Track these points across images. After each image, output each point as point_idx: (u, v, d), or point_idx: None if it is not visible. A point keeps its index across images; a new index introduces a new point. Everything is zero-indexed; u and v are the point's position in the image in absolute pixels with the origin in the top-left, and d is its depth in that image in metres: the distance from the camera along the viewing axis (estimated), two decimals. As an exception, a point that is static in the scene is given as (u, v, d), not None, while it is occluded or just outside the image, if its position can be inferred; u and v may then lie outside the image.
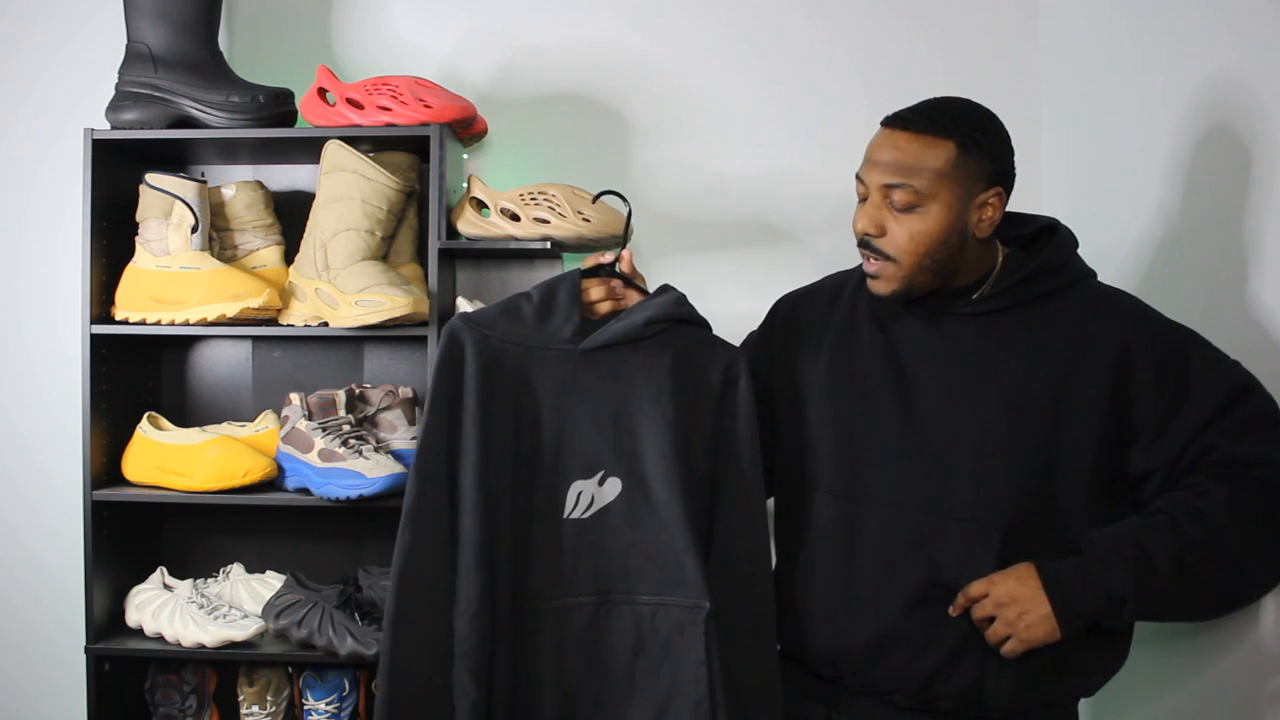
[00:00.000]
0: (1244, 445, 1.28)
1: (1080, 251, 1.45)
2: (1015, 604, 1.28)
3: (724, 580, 1.42)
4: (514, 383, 1.44)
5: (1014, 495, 1.33)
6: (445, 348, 1.44)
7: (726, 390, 1.46)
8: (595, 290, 1.51)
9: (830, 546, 1.41)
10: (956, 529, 1.33)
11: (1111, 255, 1.74)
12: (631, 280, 1.53)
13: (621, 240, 1.52)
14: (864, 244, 1.38)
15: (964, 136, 1.32)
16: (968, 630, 1.33)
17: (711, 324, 1.53)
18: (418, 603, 1.40)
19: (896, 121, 1.36)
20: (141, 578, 2.05)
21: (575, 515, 1.43)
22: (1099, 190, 1.88)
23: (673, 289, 1.50)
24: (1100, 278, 1.45)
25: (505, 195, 1.97)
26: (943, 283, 1.39)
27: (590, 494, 1.44)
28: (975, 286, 1.40)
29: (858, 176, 1.39)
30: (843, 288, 1.54)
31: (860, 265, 1.48)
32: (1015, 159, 1.39)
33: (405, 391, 2.05)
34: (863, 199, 1.38)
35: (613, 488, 1.43)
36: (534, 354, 1.45)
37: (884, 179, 1.34)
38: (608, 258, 1.52)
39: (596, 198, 1.62)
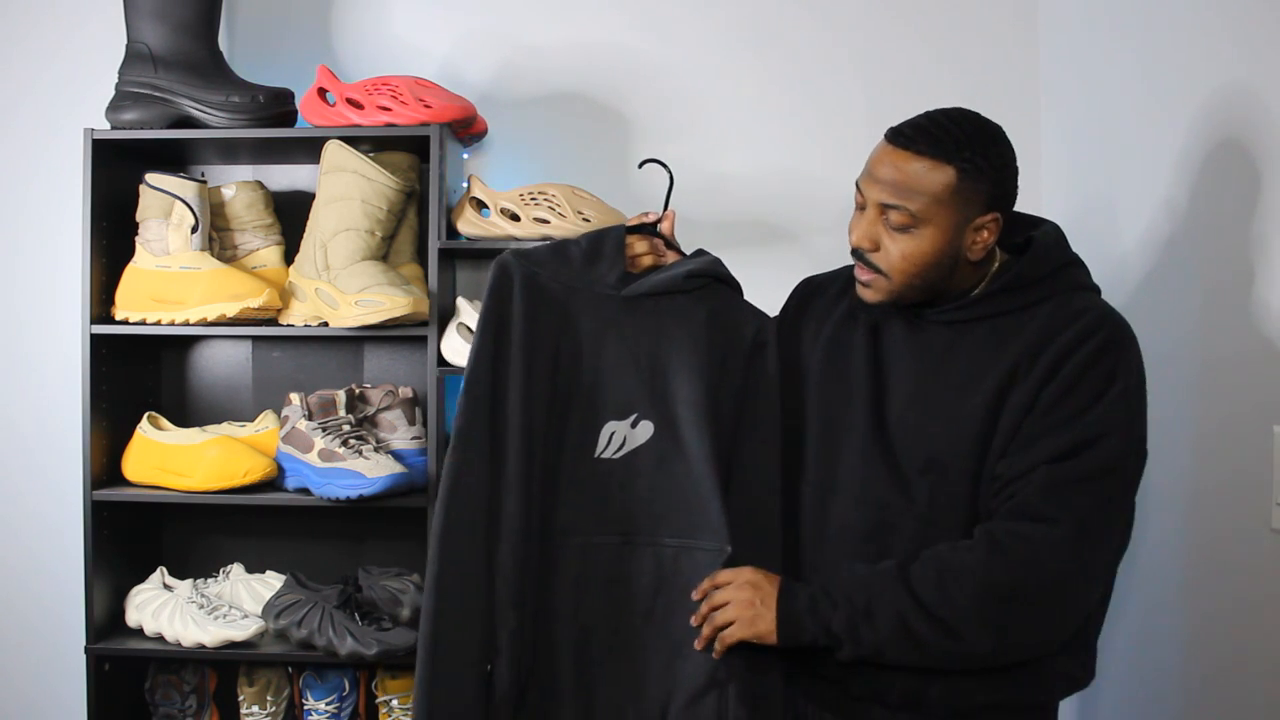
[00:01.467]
0: (1047, 499, 1.26)
1: (1077, 252, 1.44)
2: (750, 600, 1.35)
3: (738, 530, 1.43)
4: (557, 320, 1.47)
5: (958, 499, 1.34)
6: (495, 279, 1.47)
7: (755, 351, 1.50)
8: (639, 244, 1.55)
9: (805, 534, 1.43)
10: (909, 527, 1.35)
11: (1110, 261, 1.74)
12: (671, 241, 1.57)
13: (664, 205, 1.57)
14: (856, 254, 1.39)
15: (966, 162, 1.30)
16: None
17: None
18: (461, 523, 1.42)
19: (899, 139, 1.33)
20: (141, 578, 2.05)
21: (606, 455, 1.46)
22: (1097, 194, 1.88)
23: (709, 253, 1.55)
24: (1095, 277, 1.43)
25: (505, 195, 1.97)
26: (932, 296, 1.39)
27: (623, 435, 1.46)
28: (967, 293, 1.39)
29: (857, 184, 1.38)
30: (853, 282, 1.54)
31: None
32: (1018, 174, 1.38)
33: (405, 391, 2.05)
34: (860, 208, 1.38)
35: (644, 430, 1.46)
36: (578, 295, 1.49)
37: (881, 197, 1.33)
38: (651, 217, 1.57)
39: (642, 164, 1.66)
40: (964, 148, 1.30)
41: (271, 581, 2.06)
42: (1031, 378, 1.30)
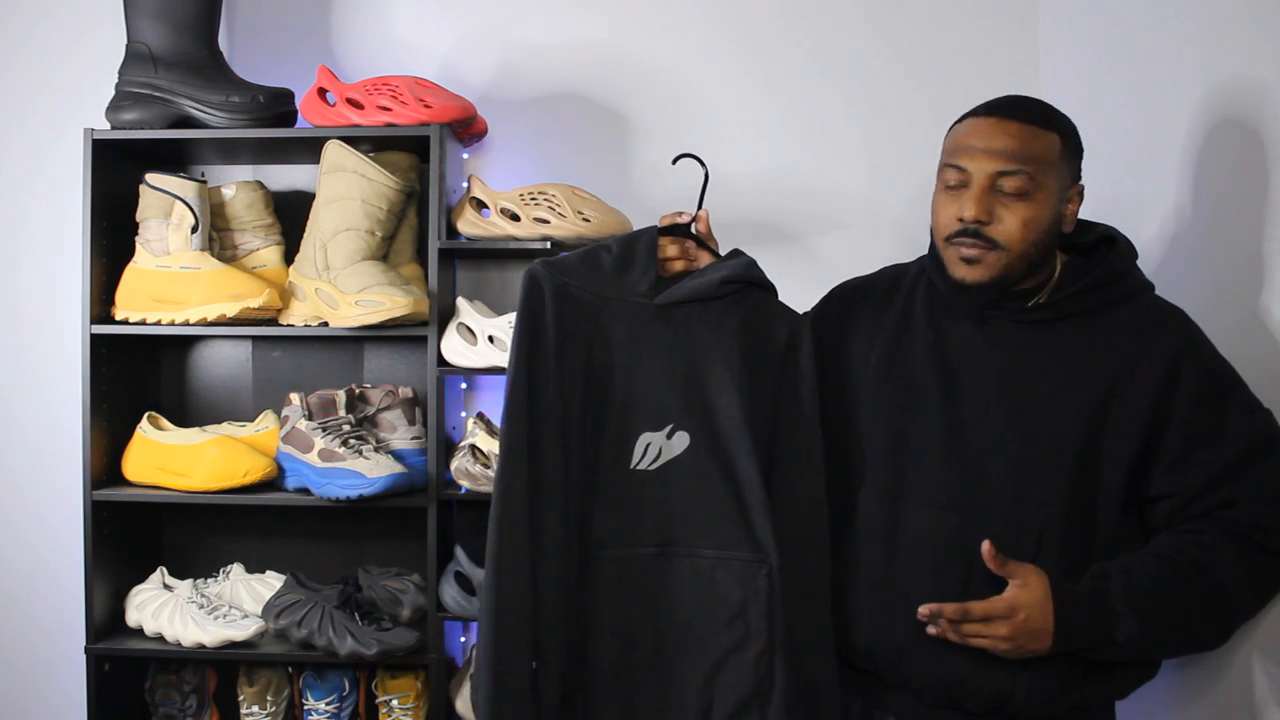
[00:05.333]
0: (1266, 508, 1.30)
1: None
2: (1018, 639, 1.30)
3: (782, 539, 1.42)
4: (589, 331, 1.46)
5: (1051, 504, 1.33)
6: (526, 292, 1.46)
7: (790, 355, 1.48)
8: (671, 248, 1.53)
9: (872, 542, 1.41)
10: (994, 533, 1.33)
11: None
12: (704, 242, 1.55)
13: (698, 203, 1.54)
14: (966, 232, 1.36)
15: (1062, 129, 1.36)
16: None
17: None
18: (513, 542, 1.41)
19: (1005, 110, 1.37)
20: (141, 578, 2.05)
21: (642, 466, 1.45)
22: (1098, 194, 1.87)
23: (744, 253, 1.52)
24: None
25: (505, 195, 1.97)
26: (1017, 281, 1.38)
27: (658, 446, 1.45)
28: (1033, 292, 1.39)
29: (951, 165, 1.37)
30: (900, 280, 1.53)
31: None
32: None
33: (405, 391, 2.04)
34: (959, 186, 1.37)
35: (680, 441, 1.44)
36: (610, 304, 1.47)
37: (997, 165, 1.34)
38: (684, 218, 1.55)
39: (676, 160, 1.62)
40: (1056, 117, 1.37)
41: (271, 581, 2.06)
42: (1140, 387, 1.33)
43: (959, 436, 1.37)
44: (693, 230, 1.53)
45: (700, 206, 1.56)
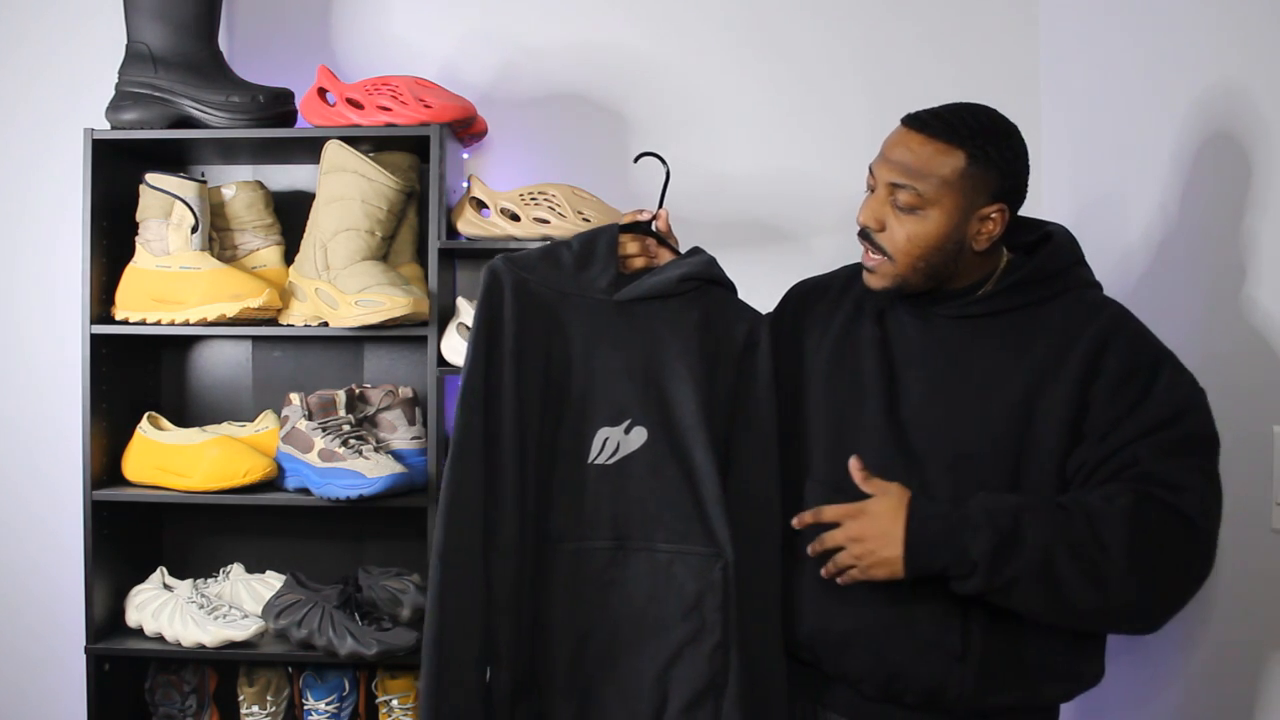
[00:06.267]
0: (1167, 464, 1.26)
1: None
2: (867, 541, 1.29)
3: (737, 534, 1.44)
4: (548, 327, 1.48)
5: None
6: (486, 286, 1.47)
7: (748, 353, 1.50)
8: (631, 245, 1.55)
9: (816, 534, 1.42)
10: None
11: (1110, 261, 1.74)
12: (665, 240, 1.57)
13: (659, 201, 1.56)
14: (864, 235, 1.40)
15: (976, 148, 1.33)
16: (936, 630, 1.33)
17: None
18: (462, 534, 1.43)
19: (915, 122, 1.37)
20: (141, 578, 2.05)
21: (600, 461, 1.46)
22: (1098, 194, 1.88)
23: (704, 251, 1.54)
24: (1098, 278, 1.44)
25: (505, 195, 1.97)
26: (938, 284, 1.40)
27: (616, 441, 1.46)
28: (974, 289, 1.40)
29: (870, 167, 1.40)
30: (854, 278, 1.55)
31: None
32: (1029, 177, 1.39)
33: (405, 391, 2.04)
34: (871, 190, 1.40)
35: (638, 436, 1.46)
36: (569, 300, 1.49)
37: (891, 177, 1.36)
38: (645, 215, 1.57)
39: (637, 158, 1.66)
40: (976, 135, 1.33)
41: (271, 581, 2.06)
42: (1065, 376, 1.32)
43: (898, 431, 1.39)
44: (653, 228, 1.56)
45: (661, 205, 1.58)
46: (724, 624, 1.42)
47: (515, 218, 1.96)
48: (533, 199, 1.95)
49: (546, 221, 1.93)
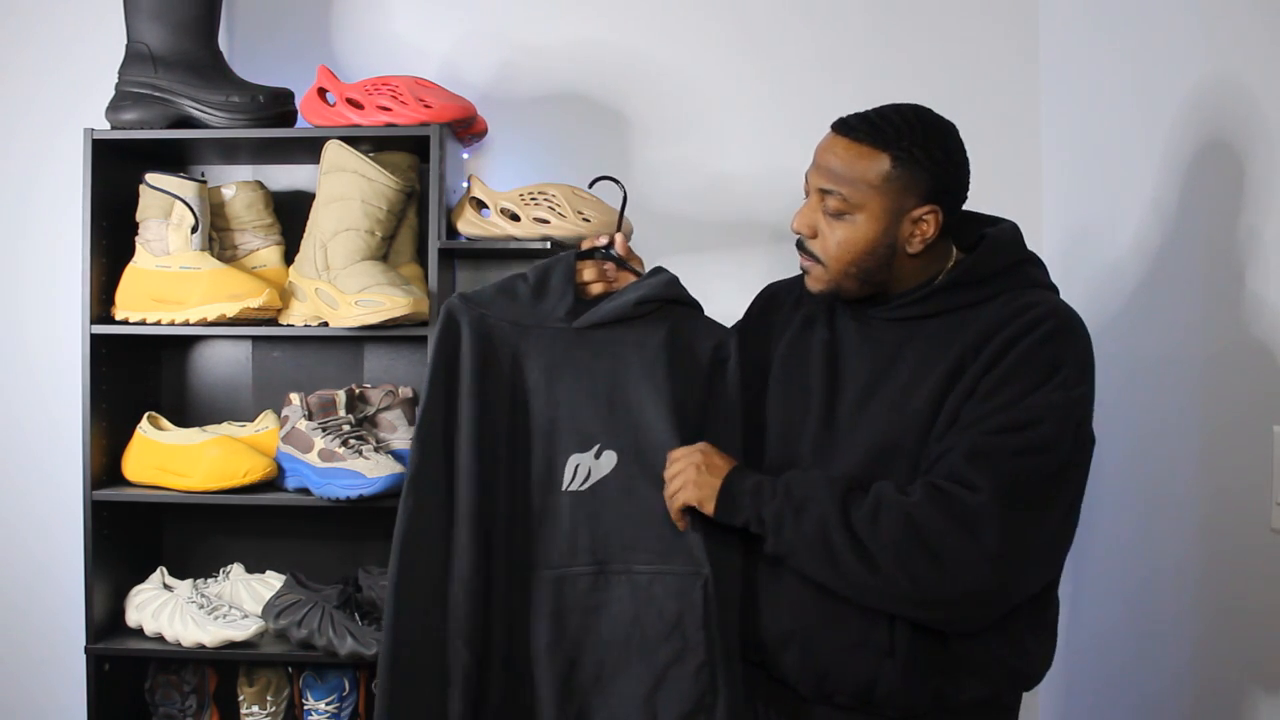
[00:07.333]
0: (975, 465, 1.25)
1: (1079, 251, 1.44)
2: (690, 456, 1.39)
3: (712, 550, 1.43)
4: (509, 360, 1.49)
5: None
6: (442, 325, 1.49)
7: (716, 368, 1.51)
8: (588, 272, 1.55)
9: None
10: None
11: (1110, 261, 1.74)
12: (625, 262, 1.57)
13: (617, 223, 1.57)
14: (798, 243, 1.41)
15: (901, 150, 1.32)
16: (865, 627, 1.33)
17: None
18: (417, 568, 1.44)
19: (842, 127, 1.37)
20: (141, 578, 2.05)
21: (573, 487, 1.47)
22: (1098, 195, 1.88)
23: (665, 271, 1.55)
24: (1096, 276, 1.44)
25: (505, 195, 1.97)
26: (879, 288, 1.40)
27: (587, 467, 1.47)
28: (920, 290, 1.40)
29: (805, 174, 1.40)
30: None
31: None
32: (970, 177, 1.37)
33: (405, 391, 2.05)
34: (807, 195, 1.40)
35: (609, 460, 1.47)
36: (529, 332, 1.50)
37: (820, 183, 1.37)
38: (602, 240, 1.57)
39: (593, 183, 1.67)
40: (902, 137, 1.32)
41: (271, 581, 2.06)
42: (975, 366, 1.31)
43: (831, 431, 1.39)
44: (612, 252, 1.56)
45: (619, 228, 1.58)
46: (707, 642, 1.40)
47: (515, 218, 1.96)
48: (533, 199, 1.95)
49: (546, 221, 1.93)
